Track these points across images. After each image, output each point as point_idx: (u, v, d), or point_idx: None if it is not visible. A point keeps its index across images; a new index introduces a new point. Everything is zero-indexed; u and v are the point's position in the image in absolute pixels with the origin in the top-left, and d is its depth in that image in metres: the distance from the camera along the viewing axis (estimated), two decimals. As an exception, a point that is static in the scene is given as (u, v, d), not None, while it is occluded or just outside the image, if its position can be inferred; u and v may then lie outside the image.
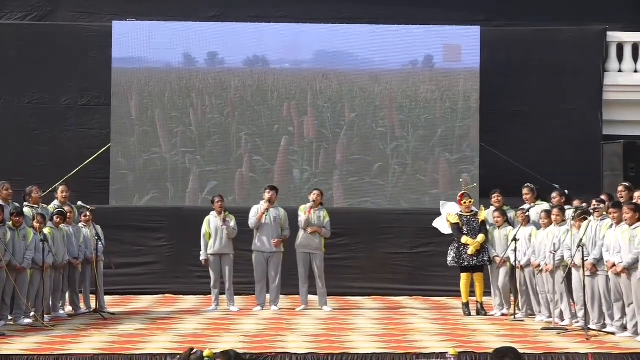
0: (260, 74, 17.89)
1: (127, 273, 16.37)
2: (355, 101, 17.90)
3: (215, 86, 17.83)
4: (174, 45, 17.78)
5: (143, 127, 17.62)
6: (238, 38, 17.85)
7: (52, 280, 13.23)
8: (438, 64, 17.85)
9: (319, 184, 17.10)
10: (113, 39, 17.64)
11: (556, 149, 17.77)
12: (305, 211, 14.51)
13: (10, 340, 11.25)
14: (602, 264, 11.97)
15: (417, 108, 17.80)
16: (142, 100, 17.69)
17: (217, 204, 14.56)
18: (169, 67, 17.89)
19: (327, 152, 17.76)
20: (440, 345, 10.83)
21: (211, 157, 17.67)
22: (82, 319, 13.39)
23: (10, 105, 18.02)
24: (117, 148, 17.49)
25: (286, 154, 17.70)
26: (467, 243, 13.89)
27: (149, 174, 17.57)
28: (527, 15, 18.57)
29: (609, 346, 10.89)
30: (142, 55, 17.80)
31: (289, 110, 17.78)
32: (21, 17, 18.73)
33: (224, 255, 14.50)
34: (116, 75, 17.63)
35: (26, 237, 12.70)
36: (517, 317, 13.44)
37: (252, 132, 17.75)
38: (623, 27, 18.61)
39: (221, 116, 17.81)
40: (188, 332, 12.01)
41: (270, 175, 17.53)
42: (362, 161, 17.76)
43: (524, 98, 18.04)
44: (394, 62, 17.89)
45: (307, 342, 11.07)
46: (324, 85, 17.81)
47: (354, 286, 16.51)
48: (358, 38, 17.86)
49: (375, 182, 17.73)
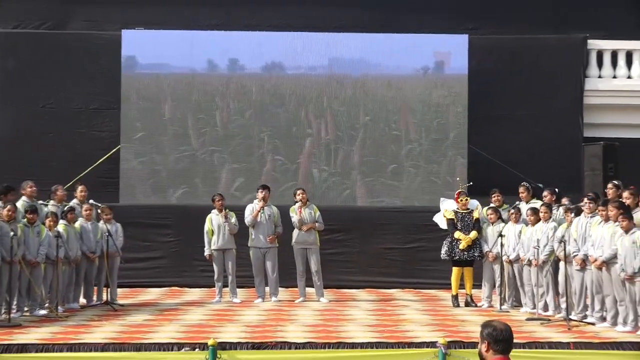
0: (278, 80, 17.90)
1: (136, 267, 16.37)
2: (369, 105, 17.86)
3: (236, 91, 17.82)
4: (186, 51, 17.77)
5: (173, 127, 17.69)
6: (256, 46, 17.84)
7: (65, 273, 13.26)
8: (438, 70, 17.94)
9: (336, 183, 17.36)
10: (122, 47, 17.65)
11: (540, 150, 17.78)
12: (296, 212, 14.54)
13: (26, 330, 11.28)
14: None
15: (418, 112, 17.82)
16: (158, 104, 17.74)
17: (217, 202, 14.58)
18: (193, 72, 17.88)
19: (344, 153, 17.73)
20: (430, 335, 10.86)
21: (236, 155, 17.68)
22: (94, 310, 13.40)
23: (26, 110, 18.01)
24: (126, 149, 17.48)
25: (307, 155, 17.71)
26: (460, 238, 13.91)
27: (177, 171, 17.60)
28: (513, 25, 18.58)
29: (589, 335, 10.93)
30: (149, 62, 17.82)
31: (306, 113, 17.78)
32: (36, 25, 18.72)
33: (227, 250, 14.53)
34: (125, 81, 17.63)
35: (40, 233, 12.74)
36: (503, 309, 13.46)
37: (272, 134, 17.75)
38: (603, 35, 18.62)
39: (242, 118, 17.82)
40: (193, 323, 12.02)
41: (289, 174, 17.60)
42: (377, 163, 17.74)
43: (510, 102, 18.04)
44: (404, 67, 17.91)
45: (306, 332, 11.09)
46: (338, 90, 17.79)
47: (349, 279, 16.53)
48: (369, 45, 17.82)
49: (391, 182, 17.72)
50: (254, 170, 17.58)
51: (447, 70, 17.96)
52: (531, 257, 12.95)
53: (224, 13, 18.51)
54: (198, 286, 16.25)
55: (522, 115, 18.02)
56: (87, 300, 14.08)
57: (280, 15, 18.40)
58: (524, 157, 17.54)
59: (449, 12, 18.43)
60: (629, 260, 11.07)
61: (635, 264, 11.02)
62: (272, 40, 17.92)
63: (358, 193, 17.66)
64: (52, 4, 18.74)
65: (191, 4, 18.52)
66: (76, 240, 13.47)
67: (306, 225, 14.48)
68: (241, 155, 17.68)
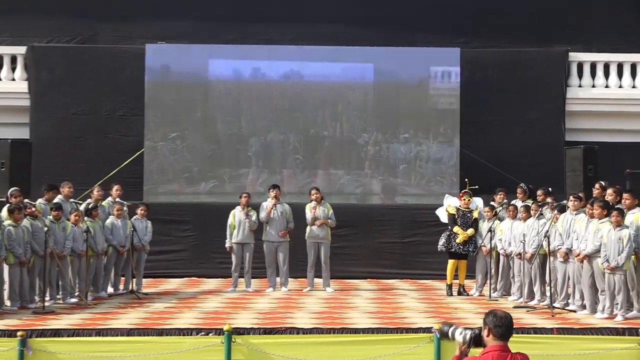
0: (296, 87, 17.87)
1: (158, 259, 16.33)
2: (376, 111, 17.79)
3: (259, 96, 17.81)
4: (207, 63, 17.79)
5: (193, 131, 17.70)
6: (275, 56, 17.85)
7: (93, 265, 13.27)
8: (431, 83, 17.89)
9: (350, 181, 17.32)
10: (146, 59, 17.65)
11: (526, 153, 17.73)
12: (311, 209, 14.53)
13: (58, 316, 11.29)
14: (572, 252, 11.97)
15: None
16: (179, 111, 17.71)
17: (243, 199, 14.54)
18: (211, 81, 17.82)
19: (358, 154, 17.71)
20: (426, 321, 10.82)
21: (260, 154, 17.67)
22: (120, 299, 13.40)
23: (59, 116, 18.00)
24: (150, 151, 17.48)
25: (326, 155, 17.70)
26: (457, 233, 13.89)
27: (198, 172, 17.58)
28: (501, 39, 18.55)
29: (570, 322, 10.90)
30: (171, 73, 17.80)
31: (323, 117, 17.77)
32: (68, 40, 18.72)
33: (246, 244, 14.50)
34: (148, 90, 17.63)
35: (65, 229, 12.75)
36: (493, 297, 13.44)
37: (293, 135, 17.75)
38: (582, 48, 18.62)
39: (265, 120, 17.82)
40: (210, 310, 12.01)
41: (305, 172, 17.58)
42: (389, 163, 17.72)
43: (498, 109, 17.99)
44: (405, 77, 17.86)
45: (312, 319, 11.07)
46: (351, 96, 17.77)
47: (352, 270, 16.48)
48: (375, 57, 17.80)
49: (402, 181, 17.69)
50: (274, 169, 17.61)
51: (440, 81, 17.89)
52: (520, 250, 12.93)
53: (224, 29, 18.48)
54: (215, 276, 16.21)
55: (509, 121, 17.98)
56: (114, 289, 14.07)
57: (291, 30, 18.40)
58: (511, 159, 17.47)
59: (442, 28, 18.41)
60: (614, 254, 11.03)
61: (619, 259, 10.99)
62: (289, 52, 17.91)
63: (375, 190, 17.65)
64: (83, 21, 18.75)
65: (210, 20, 18.52)
66: (101, 235, 13.48)
67: (319, 221, 14.46)
68: (263, 154, 17.67)
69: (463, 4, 18.68)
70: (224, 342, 9.31)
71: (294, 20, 18.38)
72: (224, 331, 9.42)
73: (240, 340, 9.38)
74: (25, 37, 18.60)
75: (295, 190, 16.50)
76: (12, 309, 11.70)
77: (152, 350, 9.35)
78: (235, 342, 9.34)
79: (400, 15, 18.49)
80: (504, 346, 5.24)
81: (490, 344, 5.25)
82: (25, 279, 12.04)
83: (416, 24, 18.50)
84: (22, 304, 11.93)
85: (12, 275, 11.85)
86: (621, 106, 18.42)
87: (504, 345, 5.24)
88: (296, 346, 9.46)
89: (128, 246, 13.93)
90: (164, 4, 18.66)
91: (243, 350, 9.37)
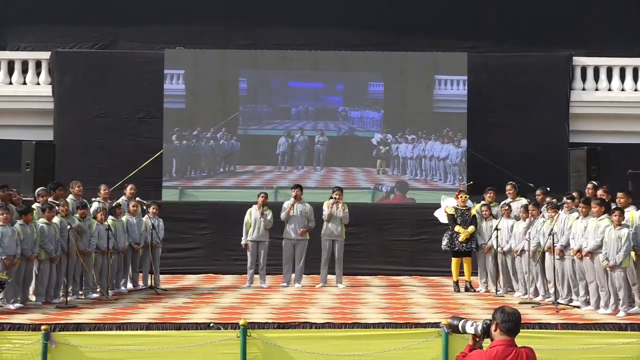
0: (318, 90, 17.94)
1: (176, 256, 16.39)
2: (388, 115, 17.83)
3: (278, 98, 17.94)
4: (221, 66, 17.87)
5: (209, 134, 17.75)
6: (281, 60, 17.97)
7: (114, 262, 13.31)
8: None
9: (364, 177, 17.53)
10: (164, 64, 17.70)
11: (531, 154, 17.69)
12: (329, 206, 14.54)
13: (80, 311, 11.33)
14: (568, 249, 11.96)
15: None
16: (196, 114, 17.79)
17: (260, 198, 14.52)
18: (227, 83, 17.89)
19: (370, 152, 17.82)
20: (434, 316, 10.81)
21: (285, 153, 17.78)
22: (139, 294, 13.43)
23: (81, 119, 18.08)
24: (168, 152, 17.52)
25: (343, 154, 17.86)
26: (459, 231, 13.87)
27: (215, 171, 17.69)
28: (507, 44, 18.56)
29: (574, 317, 10.86)
30: (187, 76, 17.83)
31: (337, 120, 17.96)
32: (89, 46, 18.83)
33: (261, 242, 14.48)
34: (167, 93, 17.67)
35: (90, 226, 12.79)
36: (499, 294, 13.41)
37: (316, 135, 17.83)
38: (586, 53, 18.60)
39: (288, 120, 17.93)
40: (226, 305, 12.02)
41: (330, 172, 17.66)
42: (399, 162, 17.78)
43: (504, 112, 17.97)
44: (413, 81, 17.89)
45: (325, 314, 11.06)
46: (356, 102, 17.87)
47: (363, 267, 16.48)
48: (383, 62, 17.82)
49: (419, 179, 17.73)
50: (296, 166, 17.78)
51: (448, 84, 17.86)
52: (525, 248, 12.90)
53: (237, 35, 18.56)
54: (230, 273, 16.23)
55: (515, 123, 17.96)
56: (133, 285, 14.11)
57: (301, 35, 18.44)
58: (517, 160, 17.45)
59: (450, 34, 18.41)
60: (613, 252, 11.01)
61: (617, 257, 10.98)
62: (295, 56, 17.96)
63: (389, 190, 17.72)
64: (104, 28, 18.88)
65: (223, 25, 18.60)
66: (123, 233, 13.52)
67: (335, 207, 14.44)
68: (288, 154, 17.79)
69: (471, 10, 18.68)
70: (239, 336, 9.33)
71: (306, 25, 18.43)
72: (239, 325, 9.43)
73: (255, 335, 9.39)
74: (49, 43, 18.76)
75: (315, 185, 16.64)
76: (37, 304, 11.76)
77: (171, 344, 9.37)
78: (250, 336, 9.35)
79: (409, 22, 18.53)
80: (510, 341, 5.25)
81: (497, 339, 5.25)
82: (53, 275, 12.12)
83: (425, 29, 18.52)
84: (47, 299, 11.99)
85: (42, 271, 11.94)
86: (623, 109, 18.39)
87: (510, 340, 5.24)
88: (309, 340, 9.47)
89: (143, 243, 13.95)
90: (182, 10, 18.72)
91: (258, 344, 9.38)
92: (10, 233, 11.32)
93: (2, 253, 11.19)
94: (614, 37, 18.80)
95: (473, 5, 18.69)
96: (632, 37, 18.80)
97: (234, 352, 9.35)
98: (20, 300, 11.58)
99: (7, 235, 11.27)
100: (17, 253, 11.39)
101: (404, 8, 18.62)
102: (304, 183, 15.97)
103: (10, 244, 11.30)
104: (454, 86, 17.74)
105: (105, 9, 18.76)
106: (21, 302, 11.59)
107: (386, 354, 9.33)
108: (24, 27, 18.95)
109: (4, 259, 11.19)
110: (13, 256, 11.32)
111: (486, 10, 18.70)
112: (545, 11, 18.78)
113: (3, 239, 11.23)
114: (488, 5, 18.73)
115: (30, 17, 18.83)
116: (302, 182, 16.09)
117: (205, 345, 9.37)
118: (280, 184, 17.35)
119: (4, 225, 11.32)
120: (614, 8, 18.86)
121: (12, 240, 11.32)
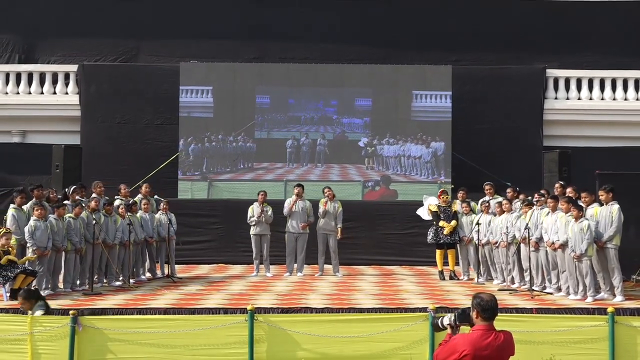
0: (318, 104, 17.91)
1: (190, 248, 16.41)
2: (379, 123, 17.80)
3: (287, 109, 17.94)
4: (231, 78, 17.82)
5: (221, 138, 17.72)
6: (286, 72, 17.97)
7: (134, 253, 13.33)
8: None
9: (356, 173, 17.52)
10: (180, 75, 17.71)
11: (509, 156, 17.71)
12: (324, 204, 14.54)
13: (104, 297, 11.35)
14: (542, 241, 11.99)
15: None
16: (209, 122, 17.75)
17: (260, 196, 14.55)
18: (237, 93, 17.82)
19: (358, 153, 17.79)
20: (422, 302, 10.82)
21: (292, 153, 17.78)
22: (158, 282, 13.45)
23: (105, 125, 18.10)
24: (183, 155, 17.53)
25: (338, 154, 17.82)
26: (443, 226, 13.89)
27: (226, 172, 17.62)
28: (488, 58, 18.60)
29: (548, 303, 10.87)
30: (201, 87, 17.82)
31: (333, 125, 17.89)
32: (113, 59, 18.90)
33: (263, 236, 14.50)
34: (182, 102, 17.68)
35: (116, 222, 12.82)
36: (479, 281, 13.42)
37: (318, 138, 17.85)
38: (558, 65, 18.66)
39: (298, 124, 17.93)
40: (235, 292, 12.04)
41: (329, 168, 17.64)
42: (387, 162, 17.76)
43: (485, 118, 18.00)
44: (402, 91, 17.83)
45: (324, 300, 11.07)
46: (351, 111, 17.84)
47: (358, 258, 16.46)
48: (376, 74, 17.83)
49: (400, 174, 17.70)
50: (302, 164, 17.74)
51: (435, 94, 17.85)
52: (500, 240, 12.93)
53: (246, 49, 18.60)
54: (239, 263, 16.23)
55: (494, 128, 17.99)
56: (152, 274, 14.12)
57: (303, 49, 18.46)
58: (495, 161, 17.46)
59: (434, 48, 18.46)
60: (578, 243, 11.04)
61: (582, 247, 11.01)
62: (297, 69, 17.96)
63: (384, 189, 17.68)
64: (125, 43, 18.96)
65: (234, 40, 18.61)
66: (139, 227, 13.55)
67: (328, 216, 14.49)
68: (299, 155, 17.78)
69: (455, 27, 18.77)
70: (247, 320, 9.33)
71: (302, 40, 18.52)
72: (247, 310, 9.44)
73: (261, 319, 9.40)
74: (76, 57, 18.84)
75: (317, 179, 16.83)
76: (66, 291, 11.80)
77: (186, 327, 9.37)
78: (257, 320, 9.35)
79: (399, 39, 18.64)
80: (489, 325, 5.27)
81: (478, 324, 5.29)
82: (77, 265, 12.14)
83: (413, 44, 18.61)
84: (73, 287, 12.01)
85: (69, 261, 11.97)
86: (592, 116, 18.40)
87: (489, 325, 5.27)
88: (310, 323, 9.47)
89: (156, 236, 13.96)
90: (197, 27, 18.77)
91: (264, 327, 9.39)
92: (43, 227, 11.44)
93: (34, 244, 11.28)
94: (584, 52, 18.91)
95: (457, 24, 18.79)
96: (600, 51, 18.86)
97: (243, 334, 9.36)
98: (50, 288, 11.62)
99: (40, 229, 11.39)
100: (48, 246, 11.47)
101: (394, 26, 18.63)
102: (307, 177, 15.96)
103: (42, 237, 11.39)
104: (439, 96, 17.73)
105: (127, 26, 18.84)
106: (52, 289, 11.63)
107: (379, 335, 9.34)
108: (54, 42, 19.02)
109: (35, 249, 11.27)
110: (45, 248, 11.40)
111: (468, 27, 18.79)
112: (521, 29, 18.87)
113: (36, 231, 11.34)
114: (470, 23, 18.81)
115: (59, 33, 18.90)
116: (306, 176, 16.08)
117: (217, 328, 9.37)
118: (288, 177, 17.51)
119: (38, 220, 11.42)
120: (584, 26, 18.91)
121: (44, 234, 11.42)
